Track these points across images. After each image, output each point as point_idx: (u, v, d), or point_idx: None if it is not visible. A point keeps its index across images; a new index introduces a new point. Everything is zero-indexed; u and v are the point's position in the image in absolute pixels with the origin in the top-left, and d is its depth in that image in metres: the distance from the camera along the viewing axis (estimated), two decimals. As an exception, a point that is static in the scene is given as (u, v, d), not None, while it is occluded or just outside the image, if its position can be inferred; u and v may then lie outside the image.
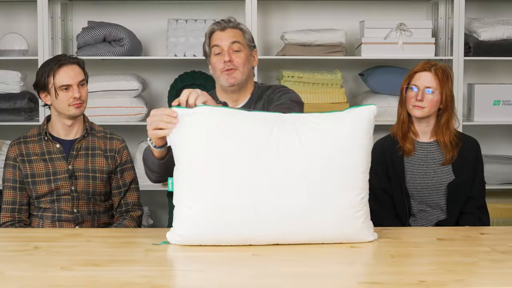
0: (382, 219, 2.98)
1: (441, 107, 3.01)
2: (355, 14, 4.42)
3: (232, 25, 2.78)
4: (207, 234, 2.24)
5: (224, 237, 2.25)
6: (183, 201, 2.26)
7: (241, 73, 2.76)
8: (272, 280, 1.98)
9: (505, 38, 4.12)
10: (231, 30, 2.77)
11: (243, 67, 2.76)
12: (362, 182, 2.32)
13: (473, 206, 3.01)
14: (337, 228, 2.27)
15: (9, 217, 2.96)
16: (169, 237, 2.30)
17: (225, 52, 2.74)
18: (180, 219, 2.27)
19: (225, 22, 2.77)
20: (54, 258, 2.19)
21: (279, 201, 2.22)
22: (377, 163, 3.06)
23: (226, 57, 2.73)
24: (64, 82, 2.90)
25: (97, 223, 2.99)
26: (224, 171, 2.22)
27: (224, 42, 2.75)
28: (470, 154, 3.04)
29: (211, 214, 2.23)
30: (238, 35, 2.77)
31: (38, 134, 3.00)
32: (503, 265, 2.12)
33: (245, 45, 2.78)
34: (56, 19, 4.24)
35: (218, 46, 2.76)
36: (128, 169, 3.06)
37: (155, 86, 4.49)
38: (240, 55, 2.75)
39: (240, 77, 2.76)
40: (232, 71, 2.74)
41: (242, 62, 2.75)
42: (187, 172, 2.26)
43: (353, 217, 2.28)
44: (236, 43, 2.75)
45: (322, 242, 2.29)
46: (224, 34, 2.76)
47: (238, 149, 2.22)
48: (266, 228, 2.24)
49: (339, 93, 4.15)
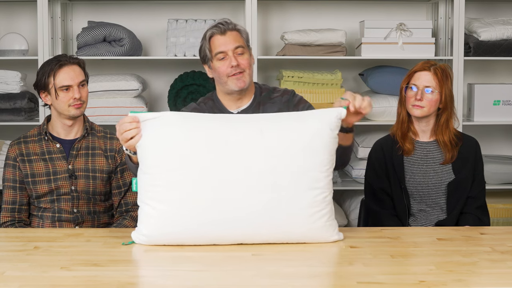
0: (382, 219, 2.99)
1: (441, 107, 3.01)
2: (355, 14, 4.42)
3: (231, 27, 2.76)
4: (171, 234, 2.28)
5: (188, 236, 2.28)
6: (146, 201, 2.30)
7: (248, 75, 2.77)
8: (272, 280, 1.98)
9: (505, 38, 4.12)
10: (231, 33, 2.75)
11: (249, 69, 2.77)
12: (325, 182, 2.33)
13: (473, 205, 3.01)
14: (300, 227, 2.29)
15: (9, 217, 2.96)
16: (134, 237, 2.33)
17: (230, 57, 2.73)
18: (144, 219, 2.31)
19: (223, 25, 2.75)
20: (54, 258, 2.19)
21: (242, 201, 2.24)
22: (377, 163, 3.07)
23: (234, 62, 2.72)
24: (65, 82, 2.90)
25: (97, 223, 2.99)
26: (186, 171, 2.25)
27: (228, 47, 2.73)
28: (470, 154, 3.04)
29: (174, 214, 2.26)
30: (238, 37, 2.76)
31: (38, 134, 3.00)
32: (503, 265, 2.12)
33: (246, 46, 2.79)
34: (56, 19, 4.24)
35: (222, 52, 2.74)
36: (128, 169, 3.06)
37: (155, 86, 4.49)
38: (244, 57, 2.75)
39: (248, 80, 2.76)
40: (240, 75, 2.74)
41: (247, 64, 2.76)
42: (149, 172, 2.30)
43: (315, 216, 2.30)
44: (239, 47, 2.75)
45: (287, 241, 2.30)
46: (226, 38, 2.74)
47: (200, 149, 2.25)
48: (229, 228, 2.26)
49: (339, 93, 4.15)
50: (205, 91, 4.14)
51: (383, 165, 3.05)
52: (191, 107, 2.87)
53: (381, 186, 3.04)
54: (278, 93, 2.86)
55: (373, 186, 3.07)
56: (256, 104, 2.81)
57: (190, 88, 4.16)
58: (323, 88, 4.15)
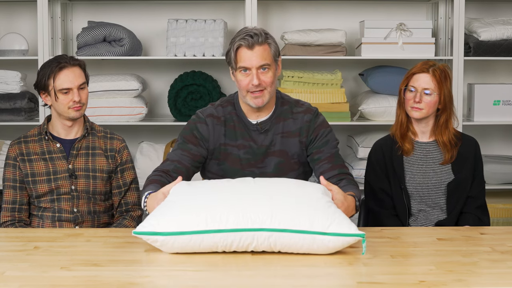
0: (382, 219, 2.99)
1: (440, 107, 3.01)
2: (355, 14, 4.42)
3: (261, 40, 2.63)
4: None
5: None
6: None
7: (268, 93, 2.68)
8: (272, 280, 1.99)
9: (505, 38, 4.12)
10: (258, 48, 2.63)
11: (271, 87, 2.68)
12: None
13: (473, 205, 3.01)
14: None
15: (9, 217, 2.96)
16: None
17: (253, 74, 2.64)
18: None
19: (251, 38, 2.62)
20: (54, 258, 2.19)
21: None
22: (377, 163, 3.07)
23: (255, 81, 2.63)
24: (64, 85, 2.90)
25: (97, 223, 2.99)
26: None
27: (253, 63, 2.63)
28: (470, 154, 3.04)
29: None
30: (266, 53, 2.64)
31: (39, 134, 3.00)
32: (503, 265, 2.12)
33: (272, 62, 2.67)
34: (56, 19, 4.24)
35: (246, 67, 2.65)
36: (128, 169, 3.06)
37: (155, 86, 4.49)
38: (268, 75, 2.66)
39: (267, 98, 2.69)
40: (260, 93, 2.66)
41: (270, 82, 2.66)
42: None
43: None
44: (265, 65, 2.65)
45: None
46: (253, 54, 2.63)
47: None
48: None
49: (339, 93, 4.15)
50: (205, 91, 4.15)
51: (383, 166, 3.05)
52: (207, 112, 2.79)
53: (381, 186, 3.04)
54: (301, 108, 2.80)
55: (373, 186, 3.07)
56: (276, 117, 2.76)
57: (190, 88, 4.16)
58: (323, 88, 4.15)
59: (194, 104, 4.14)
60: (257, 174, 2.73)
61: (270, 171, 2.75)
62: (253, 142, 2.75)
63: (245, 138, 2.76)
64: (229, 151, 2.75)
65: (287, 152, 2.76)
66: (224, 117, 2.77)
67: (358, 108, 4.20)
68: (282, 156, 2.76)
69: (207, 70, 4.31)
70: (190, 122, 2.81)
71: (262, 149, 2.75)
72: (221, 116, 2.77)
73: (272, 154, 2.76)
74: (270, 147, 2.76)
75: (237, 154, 2.75)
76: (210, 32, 4.08)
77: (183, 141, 2.76)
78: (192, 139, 2.75)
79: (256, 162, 2.75)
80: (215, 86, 4.18)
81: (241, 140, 2.76)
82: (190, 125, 2.80)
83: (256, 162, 2.75)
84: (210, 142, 2.76)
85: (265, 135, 2.76)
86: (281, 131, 2.76)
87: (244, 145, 2.75)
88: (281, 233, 2.16)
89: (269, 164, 2.75)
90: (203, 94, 4.15)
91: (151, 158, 4.15)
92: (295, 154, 2.77)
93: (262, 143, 2.75)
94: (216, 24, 4.08)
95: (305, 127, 2.76)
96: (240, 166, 2.74)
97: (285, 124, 2.76)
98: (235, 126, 2.77)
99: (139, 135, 4.41)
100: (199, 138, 2.75)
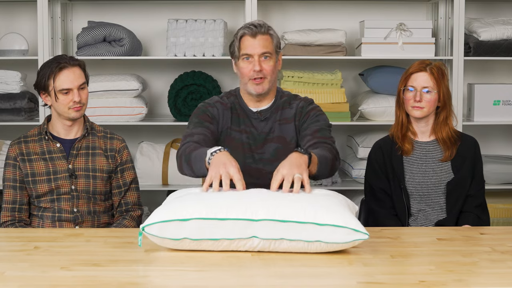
0: (381, 219, 3.00)
1: (439, 105, 3.03)
2: (355, 14, 4.42)
3: (263, 30, 2.78)
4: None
5: None
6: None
7: (269, 82, 2.81)
8: (272, 280, 1.99)
9: (505, 38, 4.12)
10: (261, 37, 2.78)
11: (271, 76, 2.81)
12: None
13: (472, 204, 3.01)
14: None
15: (9, 217, 2.96)
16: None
17: (255, 61, 2.77)
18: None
19: (255, 27, 2.78)
20: (54, 258, 2.19)
21: None
22: (377, 163, 3.07)
23: (257, 67, 2.76)
24: (64, 86, 2.90)
25: (97, 223, 2.99)
26: None
27: (256, 51, 2.77)
28: (469, 153, 3.05)
29: None
30: (268, 43, 2.79)
31: (39, 134, 3.01)
32: (503, 265, 2.12)
33: (273, 52, 2.81)
34: (56, 19, 4.24)
35: (249, 54, 2.78)
36: (128, 169, 3.06)
37: (155, 86, 4.49)
38: (269, 63, 2.79)
39: (268, 86, 2.81)
40: (261, 81, 2.78)
41: (271, 70, 2.80)
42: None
43: None
44: (266, 53, 2.78)
45: None
46: (255, 42, 2.77)
47: None
48: None
49: (339, 93, 4.15)
50: (205, 91, 4.15)
51: (382, 166, 3.05)
52: (214, 99, 2.89)
53: (381, 186, 3.04)
54: (298, 100, 2.91)
55: (373, 186, 3.08)
56: (275, 108, 2.87)
57: (190, 88, 4.16)
58: (323, 88, 4.15)
59: (194, 104, 4.14)
60: (256, 159, 2.82)
61: (269, 156, 2.82)
62: (254, 129, 2.85)
63: (247, 124, 2.86)
64: (233, 136, 2.84)
65: (285, 138, 2.85)
66: (230, 104, 2.88)
67: (358, 108, 4.21)
68: (280, 142, 2.84)
69: (207, 70, 4.31)
70: (200, 107, 2.88)
71: (262, 136, 2.85)
72: (227, 103, 2.88)
73: (271, 141, 2.85)
74: (269, 134, 2.85)
75: (240, 138, 2.84)
76: (210, 32, 4.08)
77: (199, 120, 2.82)
78: (207, 118, 2.83)
79: (256, 147, 2.84)
80: (215, 86, 4.18)
81: (244, 126, 2.86)
82: (201, 109, 2.87)
83: (256, 148, 2.84)
84: (220, 124, 2.85)
85: (265, 122, 2.86)
86: (279, 118, 2.86)
87: (246, 131, 2.85)
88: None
89: (268, 150, 2.83)
90: (203, 94, 4.15)
91: (151, 158, 4.15)
92: (293, 139, 2.86)
93: (262, 130, 2.85)
94: (216, 24, 4.08)
95: (298, 111, 2.87)
96: (242, 151, 2.81)
97: (283, 112, 2.87)
98: (238, 113, 2.87)
99: (139, 135, 4.41)
100: (211, 117, 2.84)
